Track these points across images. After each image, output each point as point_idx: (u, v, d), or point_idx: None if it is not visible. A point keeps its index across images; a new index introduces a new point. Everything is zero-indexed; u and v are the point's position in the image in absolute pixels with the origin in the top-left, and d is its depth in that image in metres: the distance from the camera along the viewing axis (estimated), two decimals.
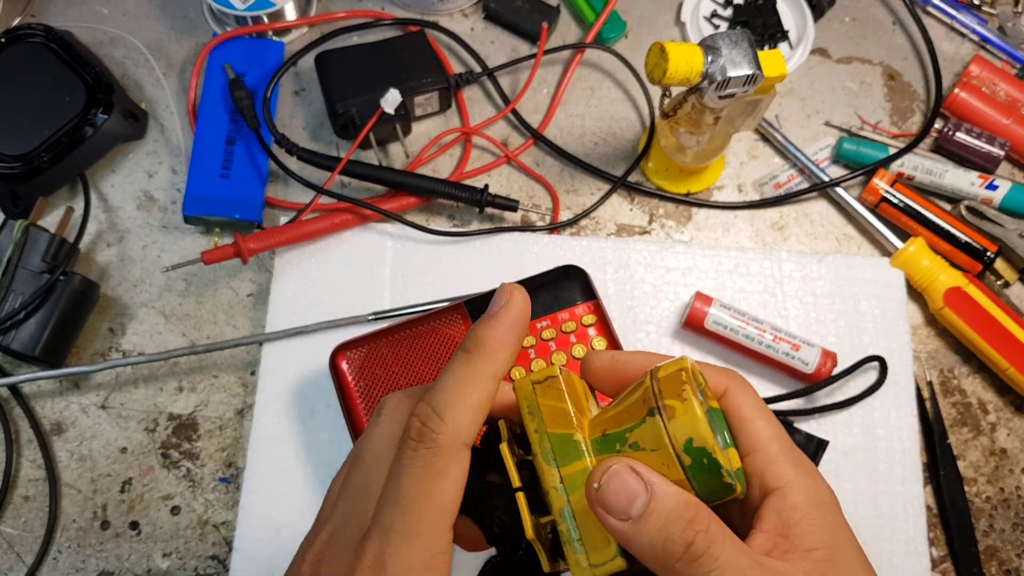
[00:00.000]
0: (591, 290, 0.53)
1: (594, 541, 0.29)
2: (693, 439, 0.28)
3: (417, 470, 0.29)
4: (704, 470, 0.28)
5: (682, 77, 0.50)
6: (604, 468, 0.28)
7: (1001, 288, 0.62)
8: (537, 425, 0.30)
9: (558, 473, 0.30)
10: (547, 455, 0.30)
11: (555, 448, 0.30)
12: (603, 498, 0.28)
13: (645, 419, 0.29)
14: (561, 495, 0.29)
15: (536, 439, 0.30)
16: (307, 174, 0.61)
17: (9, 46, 0.60)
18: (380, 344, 0.51)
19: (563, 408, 0.30)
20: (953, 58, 0.70)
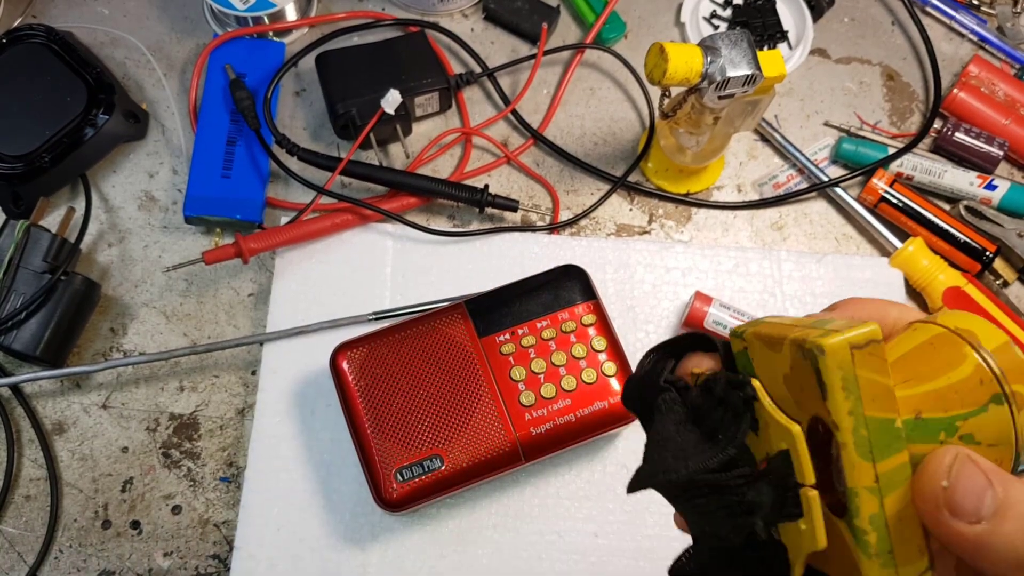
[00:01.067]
0: (591, 290, 0.54)
1: (906, 552, 0.24)
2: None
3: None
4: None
5: (681, 77, 0.50)
6: (945, 459, 0.23)
7: (1000, 288, 0.62)
8: (852, 406, 0.23)
9: (873, 470, 0.23)
10: (862, 445, 0.23)
11: (872, 437, 0.23)
12: (951, 499, 0.22)
13: (988, 407, 0.24)
14: (874, 497, 0.23)
15: (849, 424, 0.23)
16: (308, 174, 0.61)
17: (10, 47, 0.61)
18: (380, 344, 0.51)
19: (886, 383, 0.24)
20: (952, 58, 0.70)
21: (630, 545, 0.54)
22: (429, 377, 0.50)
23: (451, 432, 0.49)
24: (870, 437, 0.23)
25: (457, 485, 0.49)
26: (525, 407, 0.50)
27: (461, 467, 0.48)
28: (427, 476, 0.48)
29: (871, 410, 0.23)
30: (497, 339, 0.51)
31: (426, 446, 0.48)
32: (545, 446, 0.50)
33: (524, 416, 0.49)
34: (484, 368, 0.50)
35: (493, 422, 0.49)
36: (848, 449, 0.23)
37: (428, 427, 0.49)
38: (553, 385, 0.50)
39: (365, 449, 0.49)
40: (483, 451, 0.49)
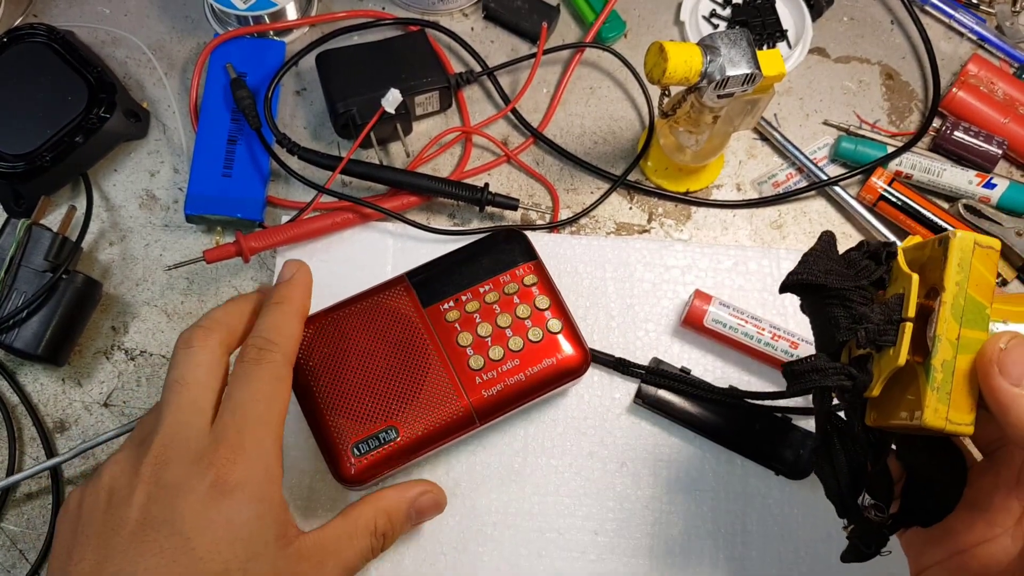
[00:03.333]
0: (531, 251, 0.54)
1: (961, 402, 0.31)
2: None
3: (264, 377, 0.41)
4: None
5: (681, 76, 0.50)
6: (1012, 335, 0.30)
7: (999, 287, 0.63)
8: (960, 280, 0.31)
9: (959, 330, 0.31)
10: (957, 310, 0.31)
11: (967, 308, 0.31)
12: (1004, 360, 0.30)
13: None
14: (952, 349, 0.31)
15: (954, 291, 0.31)
16: (308, 173, 0.61)
17: (11, 46, 0.61)
18: (327, 323, 0.51)
19: (990, 280, 0.32)
20: (951, 57, 0.70)
21: (630, 543, 0.54)
22: (377, 351, 0.50)
23: (404, 403, 0.49)
24: (965, 306, 0.31)
25: (414, 454, 0.49)
26: (475, 371, 0.50)
27: (416, 436, 0.49)
28: (383, 448, 0.48)
29: (972, 290, 0.31)
30: (441, 307, 0.52)
31: (380, 419, 0.49)
32: (498, 407, 0.50)
33: (475, 380, 0.50)
34: (431, 337, 0.51)
35: (444, 389, 0.50)
36: (946, 307, 0.31)
37: (380, 400, 0.49)
38: (501, 347, 0.51)
39: (320, 427, 0.49)
40: (437, 418, 0.49)
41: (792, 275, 0.36)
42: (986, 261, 0.32)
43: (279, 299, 0.45)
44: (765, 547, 0.54)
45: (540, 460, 0.55)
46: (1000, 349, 0.30)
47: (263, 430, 0.39)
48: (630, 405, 0.57)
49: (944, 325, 0.31)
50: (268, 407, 0.40)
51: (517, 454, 0.56)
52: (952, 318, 0.31)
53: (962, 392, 0.31)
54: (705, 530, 0.54)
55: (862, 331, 0.33)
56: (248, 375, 0.41)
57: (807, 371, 0.35)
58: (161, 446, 0.38)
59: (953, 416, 0.31)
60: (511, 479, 0.55)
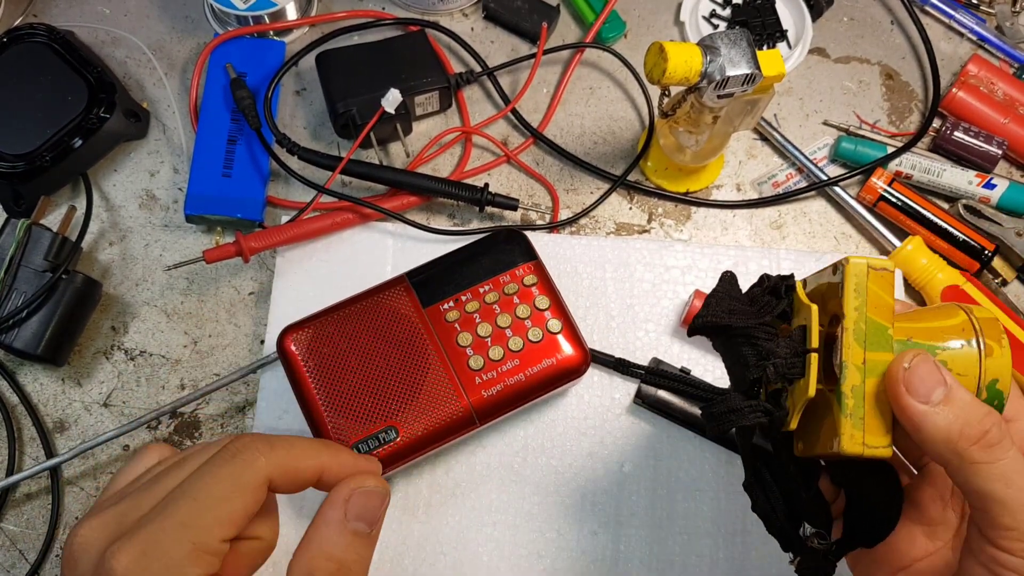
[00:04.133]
0: (531, 251, 0.54)
1: (875, 425, 0.31)
2: (999, 380, 0.32)
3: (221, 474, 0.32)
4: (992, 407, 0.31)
5: (681, 77, 0.50)
6: (914, 354, 0.31)
7: (999, 287, 0.63)
8: (859, 304, 0.32)
9: (864, 354, 0.32)
10: (859, 335, 0.32)
11: (869, 332, 0.32)
12: (909, 378, 0.30)
13: (963, 347, 0.32)
14: (859, 374, 0.31)
15: (854, 316, 0.32)
16: (308, 173, 0.61)
17: (11, 46, 0.61)
18: (326, 323, 0.51)
19: (888, 302, 0.32)
20: (951, 57, 0.70)
21: (630, 543, 0.54)
22: (377, 351, 0.50)
23: (403, 403, 0.49)
24: (866, 331, 0.32)
25: (414, 454, 0.49)
26: (474, 371, 0.50)
27: (416, 436, 0.49)
28: (383, 448, 0.48)
29: (872, 313, 0.32)
30: (441, 307, 0.52)
31: (380, 419, 0.49)
32: (498, 408, 0.50)
33: (474, 380, 0.50)
34: (431, 337, 0.51)
35: (444, 389, 0.50)
36: (848, 333, 0.32)
37: (380, 400, 0.49)
38: (500, 347, 0.51)
39: (320, 427, 0.49)
40: (437, 418, 0.49)
41: (697, 318, 0.37)
42: (882, 283, 0.32)
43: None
44: (765, 547, 0.54)
45: (540, 460, 0.55)
46: (904, 369, 0.30)
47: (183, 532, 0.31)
48: (630, 405, 0.57)
49: (848, 351, 0.32)
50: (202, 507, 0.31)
51: (517, 454, 0.55)
52: (856, 343, 0.32)
53: (875, 415, 0.31)
54: (705, 530, 0.54)
55: (770, 367, 0.33)
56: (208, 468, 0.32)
57: (724, 412, 0.35)
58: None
59: (869, 440, 0.31)
60: (511, 479, 0.55)
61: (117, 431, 0.54)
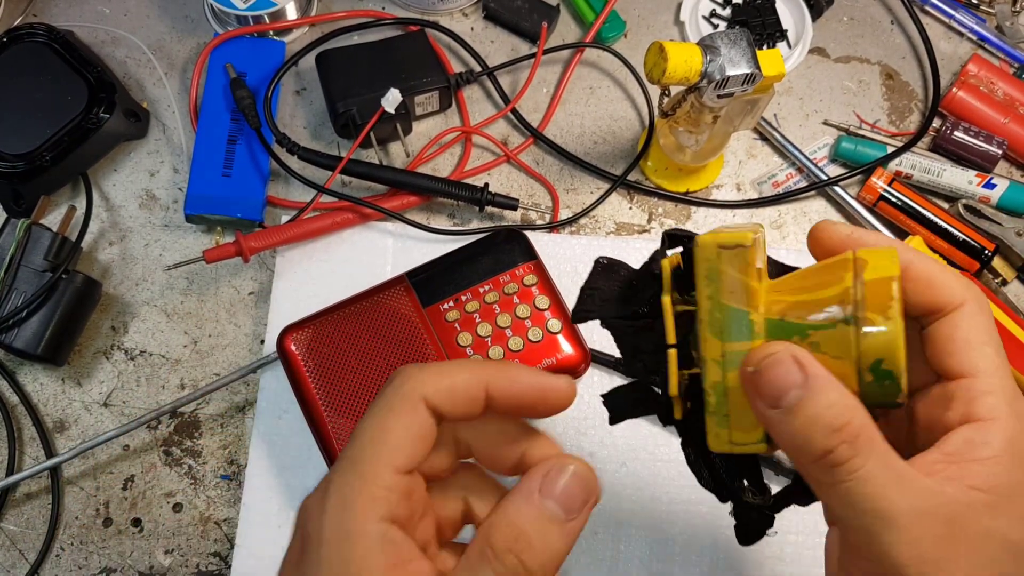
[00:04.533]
0: (531, 251, 0.54)
1: (741, 421, 0.28)
2: (884, 361, 0.26)
3: (376, 408, 0.30)
4: (881, 390, 0.27)
5: (681, 76, 0.50)
6: (766, 353, 0.27)
7: (999, 286, 0.63)
8: (712, 292, 0.28)
9: (721, 347, 0.28)
10: (714, 326, 0.28)
11: (724, 321, 0.28)
12: (757, 381, 0.27)
13: (837, 324, 0.27)
14: (718, 368, 0.28)
15: (707, 307, 0.28)
16: (308, 173, 0.61)
17: (11, 46, 0.61)
18: (327, 323, 0.51)
19: (745, 282, 0.28)
20: (951, 57, 0.70)
21: (630, 543, 0.54)
22: (377, 351, 0.50)
23: None
24: (723, 321, 0.28)
25: None
26: None
27: None
28: None
29: (727, 300, 0.28)
30: (441, 307, 0.52)
31: None
32: None
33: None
34: (431, 337, 0.51)
35: None
36: (703, 326, 0.28)
37: None
38: (500, 347, 0.51)
39: (320, 428, 0.49)
40: None
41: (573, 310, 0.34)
42: (736, 262, 0.28)
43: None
44: (764, 546, 0.54)
45: None
46: (750, 373, 0.27)
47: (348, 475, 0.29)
48: None
49: (706, 345, 0.28)
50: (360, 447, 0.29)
51: None
52: (712, 336, 0.28)
53: (742, 410, 0.28)
54: (705, 530, 0.54)
55: (639, 364, 0.31)
56: (368, 408, 0.31)
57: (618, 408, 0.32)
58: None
59: (736, 437, 0.28)
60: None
61: (117, 431, 0.54)
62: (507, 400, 0.30)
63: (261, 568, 0.53)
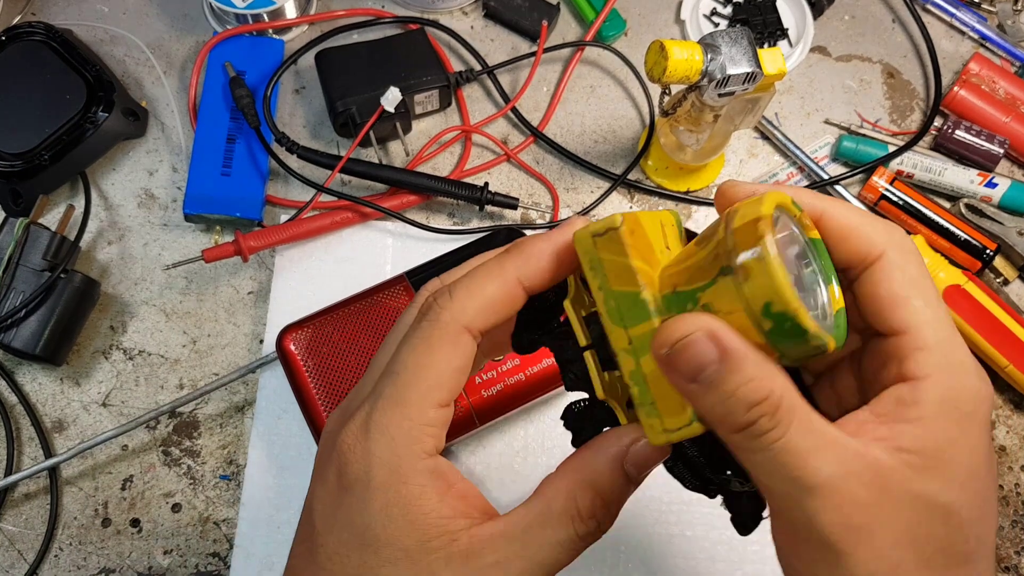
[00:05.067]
0: None
1: (669, 404, 0.27)
2: (772, 303, 0.25)
3: (415, 342, 0.29)
4: (786, 335, 0.25)
5: (682, 75, 0.50)
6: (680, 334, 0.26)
7: (1000, 286, 0.62)
8: (600, 282, 0.27)
9: (626, 334, 0.27)
10: (613, 314, 0.27)
11: (621, 307, 0.27)
12: (672, 361, 0.26)
13: (716, 279, 0.26)
14: (630, 357, 0.27)
15: (600, 297, 0.28)
16: (307, 172, 0.61)
17: (9, 44, 0.61)
18: (325, 322, 0.51)
19: (626, 263, 0.27)
20: (953, 56, 0.70)
21: (629, 543, 0.54)
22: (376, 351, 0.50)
23: None
24: (619, 307, 0.27)
25: None
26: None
27: None
28: None
29: (616, 285, 0.27)
30: None
31: None
32: (498, 408, 0.50)
33: (474, 380, 0.50)
34: None
35: None
36: (604, 318, 0.27)
37: None
38: None
39: (319, 427, 0.49)
40: None
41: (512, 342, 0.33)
42: (613, 247, 0.27)
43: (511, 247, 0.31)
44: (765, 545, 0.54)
45: (540, 460, 0.55)
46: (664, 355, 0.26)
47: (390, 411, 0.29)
48: None
49: (612, 337, 0.27)
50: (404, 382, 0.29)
51: (517, 454, 0.55)
52: (614, 325, 0.27)
53: (666, 393, 0.27)
54: (705, 530, 0.54)
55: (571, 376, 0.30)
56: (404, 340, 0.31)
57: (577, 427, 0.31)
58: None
59: (669, 423, 0.27)
60: (511, 479, 0.55)
61: (116, 431, 0.54)
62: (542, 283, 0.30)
63: (260, 568, 0.52)
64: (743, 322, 0.26)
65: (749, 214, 0.26)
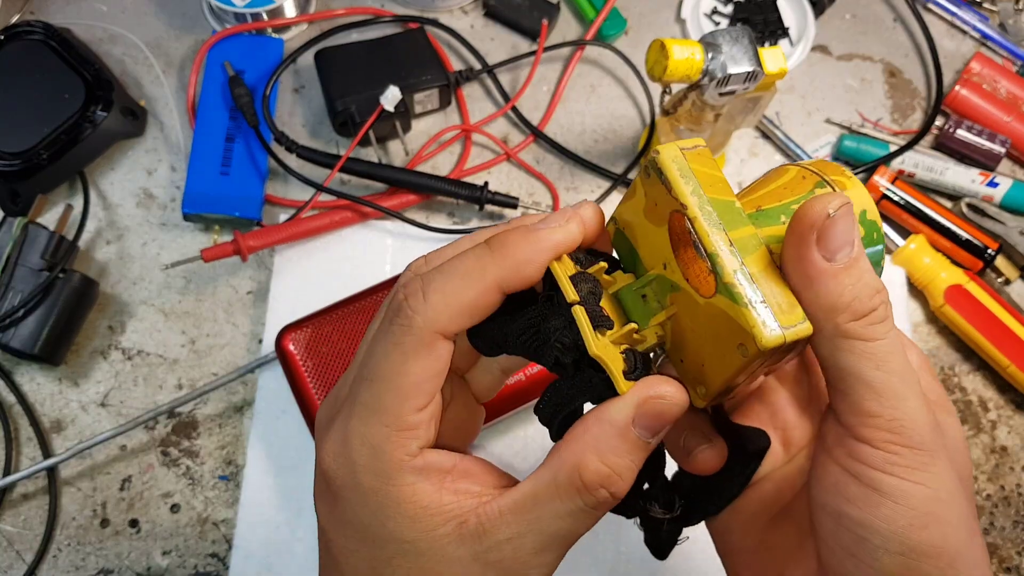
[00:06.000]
0: None
1: (779, 304, 0.26)
2: (867, 211, 0.28)
3: (388, 347, 0.28)
4: (873, 244, 0.29)
5: (682, 74, 0.50)
6: (828, 203, 0.26)
7: (1002, 286, 0.62)
8: (694, 188, 0.27)
9: (727, 236, 0.27)
10: (710, 217, 0.27)
11: (718, 211, 0.27)
12: (828, 229, 0.26)
13: (814, 190, 0.29)
14: (734, 257, 0.26)
15: (695, 202, 0.27)
16: (307, 172, 0.61)
17: (8, 44, 0.60)
18: (325, 322, 0.51)
19: (718, 176, 0.28)
20: (954, 55, 0.70)
21: (629, 543, 0.54)
22: None
23: None
24: (716, 211, 0.27)
25: None
26: None
27: None
28: None
29: (711, 192, 0.27)
30: None
31: None
32: (498, 409, 0.50)
33: None
34: None
35: None
36: (699, 222, 0.27)
37: None
38: None
39: None
40: None
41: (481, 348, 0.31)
42: (702, 160, 0.28)
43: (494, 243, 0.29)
44: None
45: (540, 460, 0.55)
46: (827, 216, 0.26)
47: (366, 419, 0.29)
48: None
49: (709, 239, 0.26)
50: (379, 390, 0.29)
51: (517, 454, 0.55)
52: (712, 228, 0.27)
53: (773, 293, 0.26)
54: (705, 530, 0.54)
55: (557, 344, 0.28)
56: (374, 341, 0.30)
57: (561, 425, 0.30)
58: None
59: (784, 320, 0.26)
60: None
61: (114, 431, 0.54)
62: (523, 285, 0.28)
63: (259, 568, 0.52)
64: None
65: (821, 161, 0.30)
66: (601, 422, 0.28)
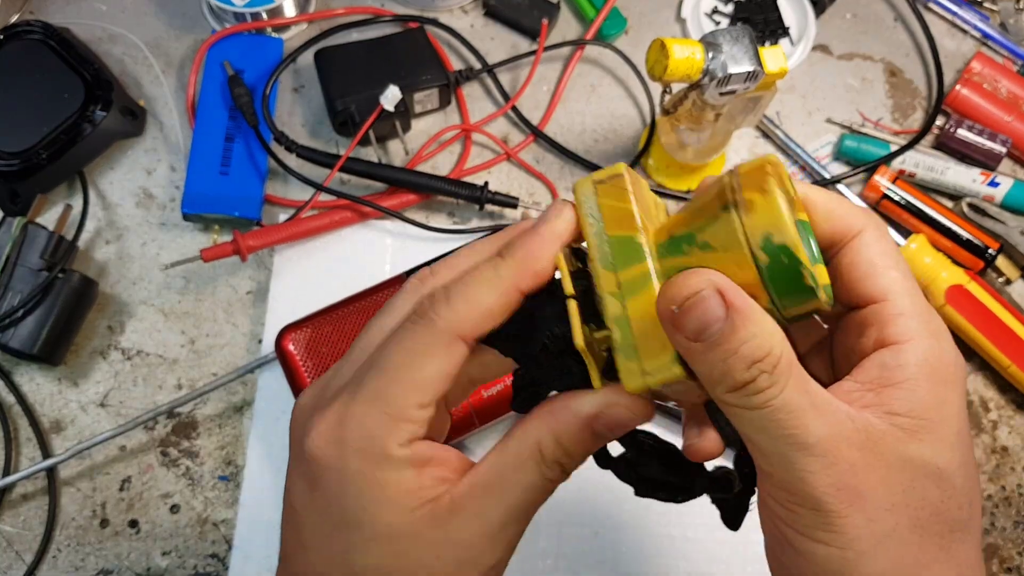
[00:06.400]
0: None
1: (649, 348, 0.27)
2: (772, 235, 0.26)
3: (408, 342, 0.29)
4: (783, 271, 0.26)
5: (683, 74, 0.50)
6: (685, 287, 0.25)
7: (1003, 286, 0.62)
8: (598, 228, 0.28)
9: (615, 278, 0.28)
10: (604, 259, 0.28)
11: (614, 251, 0.28)
12: (679, 320, 0.26)
13: (719, 215, 0.27)
14: (617, 301, 0.27)
15: (594, 243, 0.28)
16: (306, 171, 0.61)
17: (7, 43, 0.60)
18: (325, 322, 0.51)
19: (626, 208, 0.28)
20: (955, 55, 0.69)
21: (629, 543, 0.53)
22: None
23: None
24: (612, 251, 0.28)
25: None
26: None
27: None
28: None
29: (612, 230, 0.28)
30: None
31: None
32: (498, 408, 0.50)
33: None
34: None
35: None
36: (594, 263, 0.28)
37: None
38: None
39: None
40: None
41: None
42: (614, 192, 0.28)
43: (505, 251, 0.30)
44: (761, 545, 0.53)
45: None
46: (672, 312, 0.26)
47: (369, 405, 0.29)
48: None
49: (600, 281, 0.28)
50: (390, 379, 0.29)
51: None
52: (605, 270, 0.28)
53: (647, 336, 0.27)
54: (704, 529, 0.54)
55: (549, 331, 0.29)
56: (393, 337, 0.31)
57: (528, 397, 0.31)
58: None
59: (649, 366, 0.27)
60: None
61: (114, 431, 0.54)
62: (537, 282, 0.29)
63: (259, 569, 0.52)
64: (740, 258, 0.26)
65: (755, 163, 0.27)
66: (567, 409, 0.30)
